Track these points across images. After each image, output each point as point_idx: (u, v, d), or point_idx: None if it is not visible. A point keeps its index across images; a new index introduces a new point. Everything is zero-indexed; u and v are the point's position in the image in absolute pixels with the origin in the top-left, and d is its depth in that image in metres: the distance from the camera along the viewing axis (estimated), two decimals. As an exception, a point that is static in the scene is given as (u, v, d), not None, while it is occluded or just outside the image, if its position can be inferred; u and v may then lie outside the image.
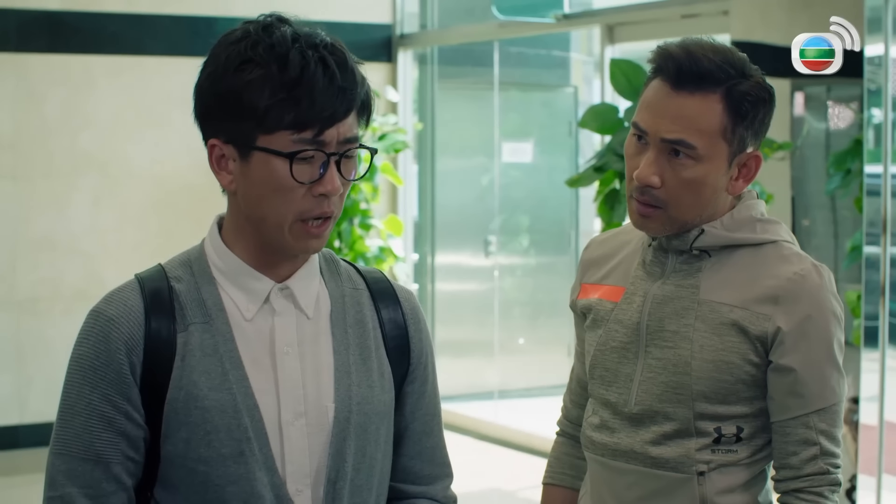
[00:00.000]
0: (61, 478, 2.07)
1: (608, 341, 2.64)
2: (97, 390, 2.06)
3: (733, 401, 2.53)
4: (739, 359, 2.51)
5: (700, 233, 2.55)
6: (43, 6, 8.56)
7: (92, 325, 2.11)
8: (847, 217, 6.92)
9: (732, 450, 2.55)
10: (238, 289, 2.13)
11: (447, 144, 10.15)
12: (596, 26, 8.51)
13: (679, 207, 2.52)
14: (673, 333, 2.55)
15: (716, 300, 2.53)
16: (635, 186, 2.53)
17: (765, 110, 2.53)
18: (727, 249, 2.57)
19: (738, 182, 2.56)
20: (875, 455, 5.70)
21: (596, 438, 2.66)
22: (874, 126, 5.91)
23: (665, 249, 2.60)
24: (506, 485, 7.90)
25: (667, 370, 2.55)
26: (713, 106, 2.48)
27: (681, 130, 2.48)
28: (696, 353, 2.52)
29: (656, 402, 2.56)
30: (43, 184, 8.59)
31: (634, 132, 2.55)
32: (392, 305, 2.26)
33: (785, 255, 2.55)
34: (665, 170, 2.50)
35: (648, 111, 2.53)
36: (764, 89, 2.52)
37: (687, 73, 2.48)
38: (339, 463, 2.13)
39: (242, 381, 2.09)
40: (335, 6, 9.24)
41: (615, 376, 2.62)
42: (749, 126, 2.51)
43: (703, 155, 2.48)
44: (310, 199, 2.06)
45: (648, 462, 2.57)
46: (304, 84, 2.00)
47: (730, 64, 2.49)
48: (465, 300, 9.83)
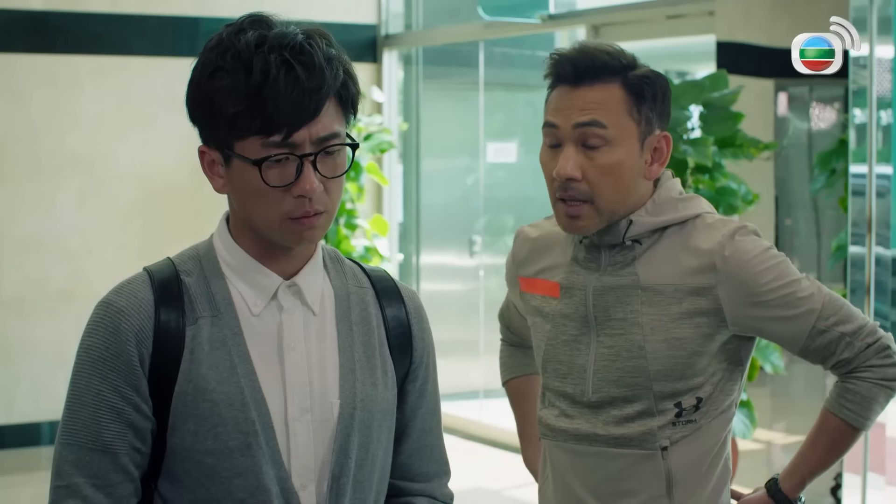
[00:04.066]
0: (69, 467, 2.08)
1: (558, 335, 2.72)
2: (106, 381, 2.07)
3: (690, 374, 2.63)
4: (692, 333, 2.61)
5: (629, 224, 2.64)
6: (27, 6, 8.55)
7: (102, 315, 2.10)
8: (830, 217, 6.94)
9: (692, 420, 2.64)
10: (246, 284, 2.15)
11: (432, 144, 10.16)
12: (581, 27, 8.52)
13: (603, 197, 2.61)
14: (621, 321, 2.64)
15: (657, 283, 2.63)
16: (557, 185, 2.62)
17: (663, 93, 2.66)
18: (656, 233, 2.67)
19: (654, 166, 2.66)
20: (860, 454, 5.72)
21: (556, 425, 2.72)
22: (856, 126, 5.93)
23: (597, 245, 2.69)
24: (491, 484, 7.91)
25: (621, 356, 2.64)
26: (614, 91, 2.61)
27: (590, 113, 2.60)
28: (648, 336, 2.62)
29: (614, 388, 2.64)
30: (28, 184, 8.58)
31: (547, 140, 2.66)
32: (396, 304, 2.29)
33: (709, 224, 2.66)
34: (583, 161, 2.60)
35: (556, 110, 2.65)
36: (658, 75, 2.67)
37: (583, 67, 2.61)
38: (343, 459, 2.15)
39: (250, 375, 2.11)
40: (320, 7, 9.24)
41: (569, 368, 2.70)
42: (652, 107, 2.64)
43: (615, 136, 2.60)
44: (291, 201, 2.07)
45: (612, 442, 2.65)
46: (267, 89, 2.02)
47: (622, 56, 2.64)
48: (450, 300, 9.83)
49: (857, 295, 5.88)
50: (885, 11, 5.73)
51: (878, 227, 5.84)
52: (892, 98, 5.81)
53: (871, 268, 5.86)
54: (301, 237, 2.11)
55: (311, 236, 2.12)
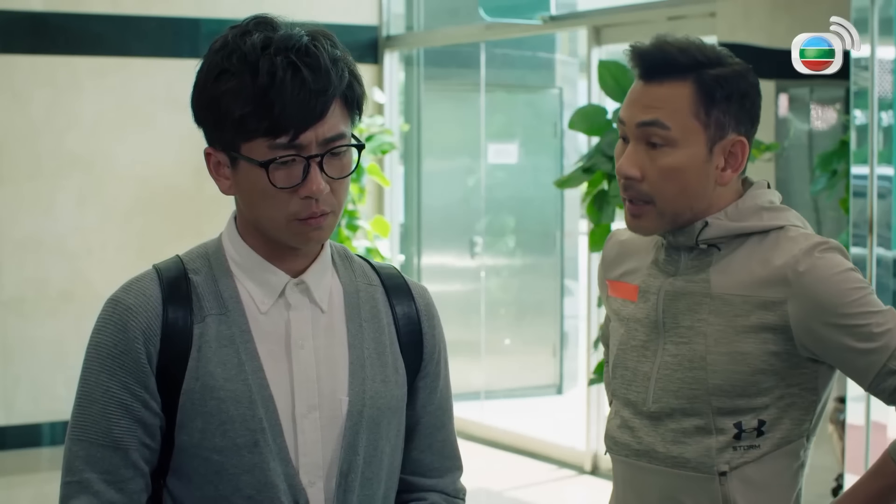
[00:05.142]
0: (79, 463, 2.09)
1: (629, 340, 2.64)
2: (115, 378, 2.09)
3: (753, 393, 2.49)
4: (756, 349, 2.48)
5: (704, 225, 2.53)
6: (27, 7, 8.55)
7: (110, 313, 2.12)
8: (831, 218, 6.94)
9: (755, 445, 2.51)
10: (254, 282, 2.16)
11: (433, 145, 10.16)
12: (583, 28, 8.51)
13: (664, 199, 2.51)
14: (687, 329, 2.54)
15: (727, 292, 2.51)
16: (621, 184, 2.54)
17: (743, 95, 2.52)
18: (736, 241, 2.55)
19: (727, 172, 2.54)
20: (862, 454, 5.72)
21: (619, 439, 2.64)
22: (857, 127, 5.92)
23: (676, 247, 2.58)
24: (492, 485, 7.91)
25: (682, 366, 2.53)
26: (683, 91, 2.48)
27: (654, 112, 2.49)
28: (711, 347, 2.50)
29: (673, 399, 2.54)
30: (28, 184, 8.58)
31: (620, 133, 2.57)
32: (406, 301, 2.31)
33: (791, 237, 2.52)
34: (644, 161, 2.51)
35: (626, 105, 2.56)
36: (742, 76, 2.51)
37: (654, 63, 2.50)
38: (352, 456, 2.16)
39: (258, 373, 2.12)
40: (321, 8, 9.24)
41: (634, 375, 2.61)
42: (726, 110, 2.50)
43: (678, 138, 2.48)
44: (298, 202, 2.08)
45: (669, 462, 2.55)
46: (274, 90, 2.03)
47: (700, 53, 2.50)
48: (451, 301, 9.82)
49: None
50: (886, 12, 5.73)
51: (879, 229, 5.83)
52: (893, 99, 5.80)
53: (872, 269, 5.86)
54: (308, 238, 2.12)
55: (318, 237, 2.13)
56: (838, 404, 6.50)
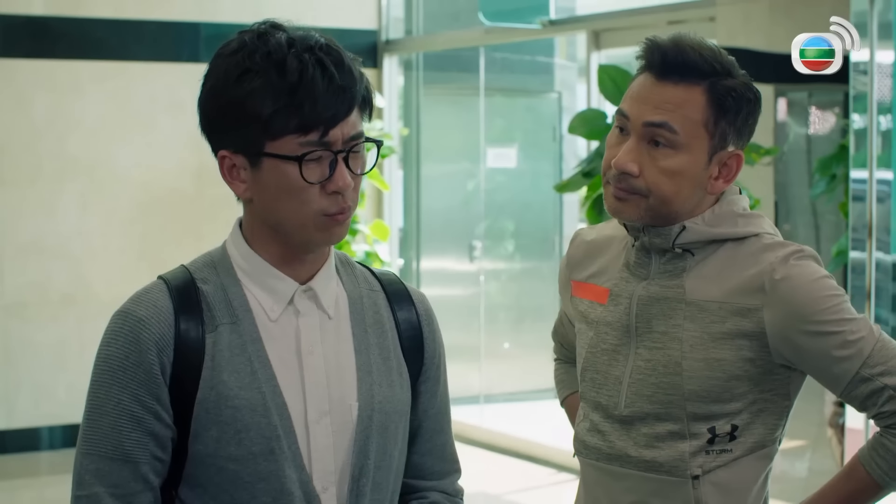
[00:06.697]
0: (89, 477, 2.09)
1: (598, 343, 2.63)
2: (126, 390, 2.09)
3: (727, 398, 2.51)
4: (732, 355, 2.49)
5: (682, 229, 2.53)
6: (29, 11, 8.57)
7: (121, 325, 2.11)
8: (831, 222, 6.96)
9: (727, 449, 2.53)
10: (262, 289, 2.17)
11: (432, 150, 10.17)
12: (582, 32, 8.53)
13: (659, 197, 2.49)
14: (662, 334, 2.54)
15: (702, 298, 2.52)
16: (613, 174, 2.52)
17: (748, 110, 2.53)
18: (710, 247, 2.55)
19: (718, 182, 2.54)
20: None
21: (589, 442, 2.65)
22: (856, 131, 5.94)
23: (648, 250, 2.58)
24: (491, 488, 7.91)
25: (657, 371, 2.53)
26: (696, 97, 2.47)
27: (664, 114, 2.48)
28: (687, 353, 2.50)
29: (647, 404, 2.54)
30: (30, 188, 8.59)
31: (617, 123, 2.55)
32: (407, 306, 2.32)
33: (766, 244, 2.52)
34: (644, 158, 2.49)
35: (633, 99, 2.53)
36: (749, 89, 2.52)
37: (672, 62, 2.48)
38: (363, 460, 2.17)
39: (271, 380, 2.13)
40: (321, 12, 9.25)
41: (605, 378, 2.61)
42: (732, 122, 2.50)
43: (684, 143, 2.48)
44: (325, 197, 2.10)
45: (642, 465, 2.55)
46: (304, 88, 2.04)
47: (716, 60, 2.49)
48: (451, 305, 9.82)
49: (857, 300, 5.89)
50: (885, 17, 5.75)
51: (878, 233, 5.85)
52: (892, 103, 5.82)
53: (871, 273, 5.88)
54: (331, 234, 2.13)
55: (340, 233, 2.15)
56: (837, 408, 6.51)
